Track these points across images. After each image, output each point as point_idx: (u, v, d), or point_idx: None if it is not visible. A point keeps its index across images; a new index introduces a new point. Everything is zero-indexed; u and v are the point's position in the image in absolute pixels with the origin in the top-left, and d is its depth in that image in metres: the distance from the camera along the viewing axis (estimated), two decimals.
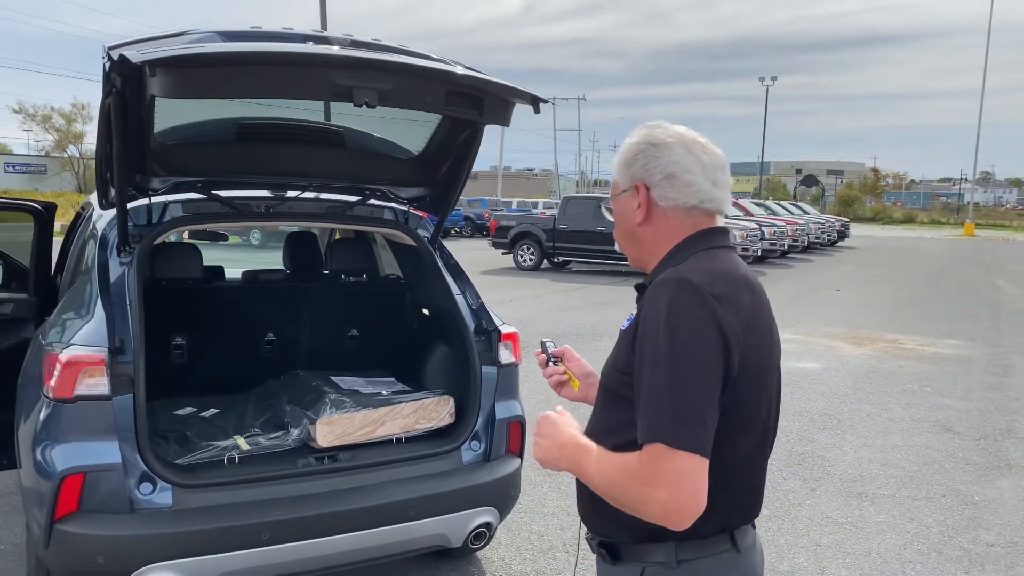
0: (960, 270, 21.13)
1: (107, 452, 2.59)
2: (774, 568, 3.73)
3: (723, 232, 1.51)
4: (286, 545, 2.70)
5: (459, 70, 2.53)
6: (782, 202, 31.16)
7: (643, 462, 1.27)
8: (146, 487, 2.64)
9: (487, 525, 3.11)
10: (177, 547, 2.61)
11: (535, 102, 2.69)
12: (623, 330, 1.47)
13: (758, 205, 27.74)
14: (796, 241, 23.09)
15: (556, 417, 1.54)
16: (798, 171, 65.52)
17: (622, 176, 1.53)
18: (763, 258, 20.61)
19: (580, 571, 3.45)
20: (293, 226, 4.69)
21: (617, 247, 1.68)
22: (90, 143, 47.98)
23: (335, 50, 2.41)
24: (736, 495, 1.41)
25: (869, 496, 4.73)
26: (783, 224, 22.37)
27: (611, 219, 1.67)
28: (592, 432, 1.49)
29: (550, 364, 1.87)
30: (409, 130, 3.31)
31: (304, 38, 2.56)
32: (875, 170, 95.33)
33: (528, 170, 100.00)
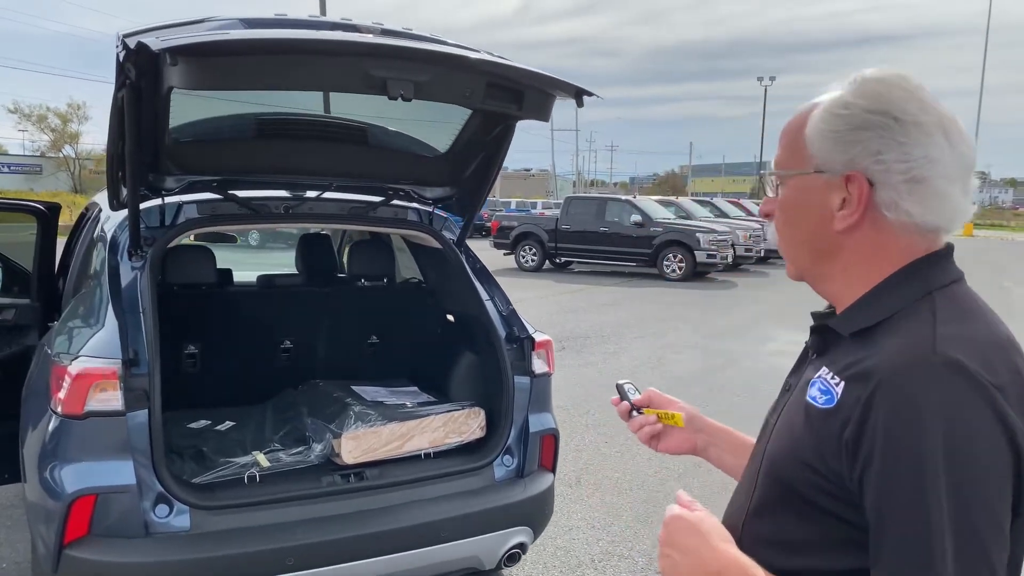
0: (966, 271, 20.98)
1: (120, 472, 2.40)
2: None
3: (951, 255, 1.03)
4: (312, 571, 2.52)
5: (501, 61, 2.36)
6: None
7: None
8: (162, 509, 2.46)
9: (521, 546, 2.95)
10: (196, 574, 2.43)
11: (579, 95, 2.51)
12: (816, 405, 0.98)
13: (759, 205, 27.63)
14: None
15: (699, 521, 1.03)
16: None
17: (824, 150, 1.01)
18: (765, 258, 20.48)
19: None
20: (308, 227, 4.51)
21: (770, 241, 1.20)
22: (86, 143, 47.71)
23: (368, 38, 2.23)
24: None
25: None
26: None
27: (769, 194, 1.12)
28: (752, 539, 1.05)
29: (634, 414, 1.42)
30: (435, 127, 3.14)
31: (332, 26, 2.39)
32: None
33: (525, 170, 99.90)
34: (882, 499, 0.88)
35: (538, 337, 3.12)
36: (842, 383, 0.95)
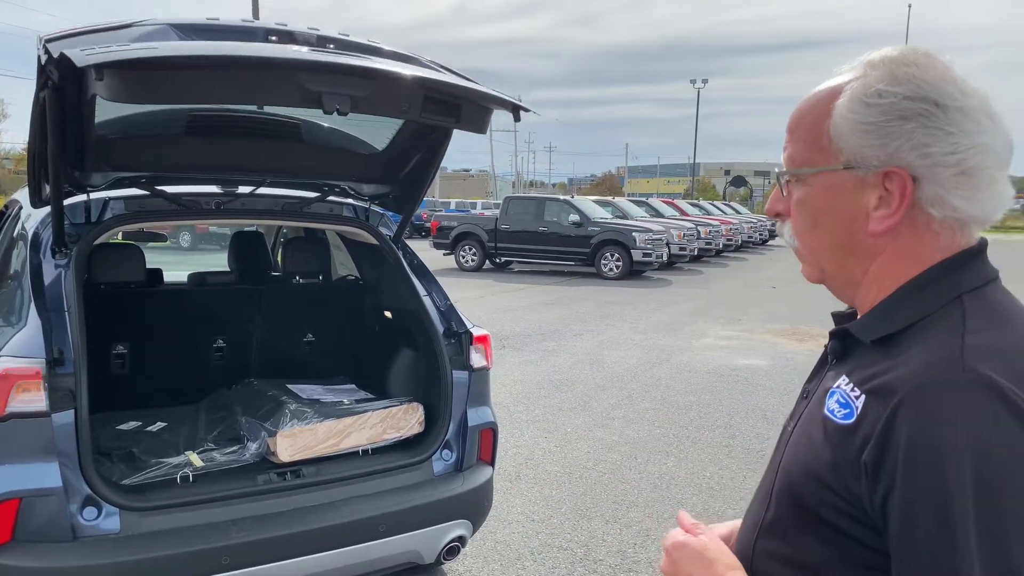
0: None
1: (45, 475, 2.33)
2: None
3: (984, 252, 0.94)
4: (249, 570, 2.48)
5: (438, 76, 2.36)
6: (715, 202, 31.77)
7: None
8: (90, 512, 2.39)
9: (460, 539, 2.96)
10: None
11: (516, 110, 2.53)
12: (834, 420, 0.90)
13: (693, 205, 28.28)
14: (730, 240, 23.57)
15: (705, 549, 0.98)
16: (727, 172, 66.97)
17: (858, 144, 0.90)
18: (699, 257, 20.94)
19: None
20: (240, 225, 4.43)
21: (786, 237, 1.02)
22: (4, 142, 45.67)
23: (304, 52, 2.21)
24: None
25: None
26: (718, 224, 22.82)
27: (783, 194, 1.00)
28: (765, 557, 0.97)
29: None
30: (373, 125, 3.13)
31: (266, 33, 2.36)
32: None
33: (465, 170, 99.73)
34: (905, 530, 0.80)
35: (476, 332, 3.14)
36: (863, 396, 0.87)
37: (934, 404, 0.80)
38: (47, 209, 2.76)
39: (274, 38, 2.33)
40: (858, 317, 0.98)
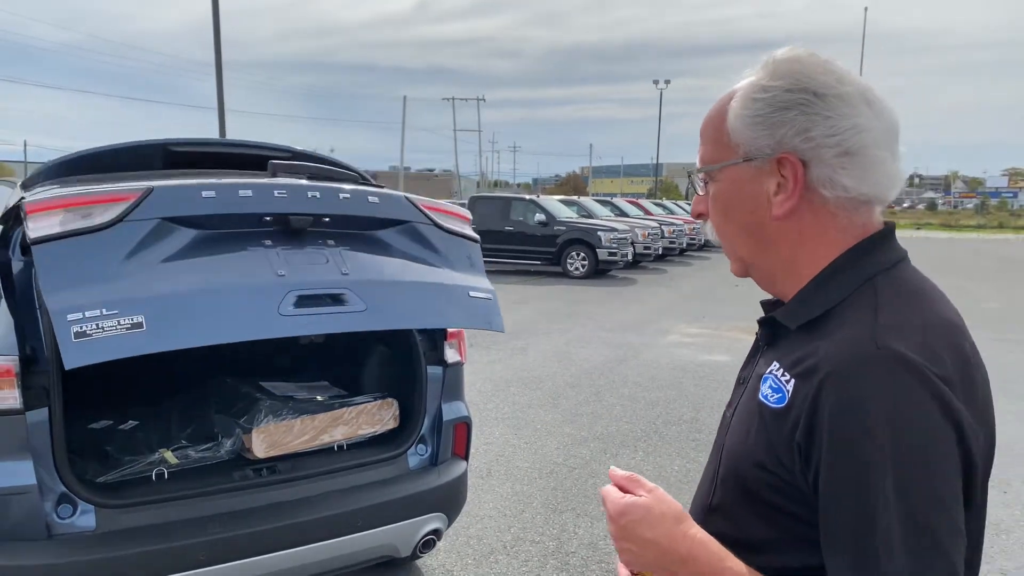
0: None
1: (19, 472, 2.31)
2: None
3: (893, 234, 1.01)
4: (226, 565, 2.49)
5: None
6: (679, 202, 32.10)
7: None
8: (65, 509, 2.38)
9: (436, 532, 2.99)
10: (103, 573, 2.36)
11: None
12: (768, 405, 0.95)
13: (657, 205, 28.57)
14: (693, 240, 23.86)
15: (651, 506, 0.97)
16: (690, 173, 67.53)
17: (751, 137, 0.98)
18: (663, 256, 21.17)
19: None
20: None
21: (709, 235, 1.10)
22: None
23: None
24: None
25: None
26: (682, 223, 23.07)
27: (699, 192, 1.08)
28: (719, 539, 0.98)
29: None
30: None
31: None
32: None
33: (428, 171, 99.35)
34: (830, 501, 0.87)
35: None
36: (792, 380, 0.93)
37: (851, 381, 0.86)
38: (15, 195, 2.74)
39: (268, 242, 2.43)
40: (784, 304, 1.04)
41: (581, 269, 16.83)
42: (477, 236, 2.91)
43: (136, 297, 2.11)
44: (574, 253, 16.92)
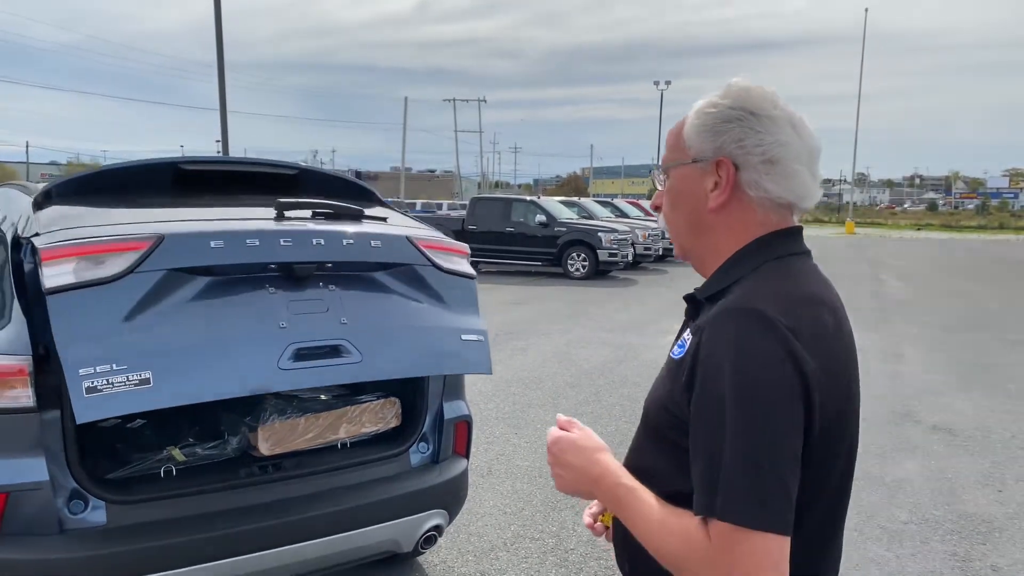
0: (846, 266, 22.35)
1: (33, 469, 2.38)
2: None
3: (798, 233, 1.22)
4: (232, 559, 2.56)
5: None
6: None
7: (713, 542, 1.01)
8: (77, 505, 2.45)
9: (437, 528, 3.06)
10: (113, 568, 2.43)
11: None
12: (673, 357, 1.19)
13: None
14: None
15: (577, 438, 1.23)
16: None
17: (698, 143, 1.19)
18: (663, 256, 21.23)
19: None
20: None
21: (660, 226, 1.35)
22: None
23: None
24: (832, 558, 1.19)
25: None
26: None
27: (659, 188, 1.31)
28: (631, 469, 1.21)
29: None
30: None
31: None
32: None
33: (430, 171, 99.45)
34: (695, 427, 1.07)
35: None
36: (691, 337, 1.15)
37: (716, 329, 1.08)
38: (27, 207, 2.81)
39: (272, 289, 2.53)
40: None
41: (582, 270, 16.90)
42: (474, 273, 3.03)
43: (144, 351, 2.23)
44: (575, 254, 16.99)
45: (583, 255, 16.90)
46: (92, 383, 2.13)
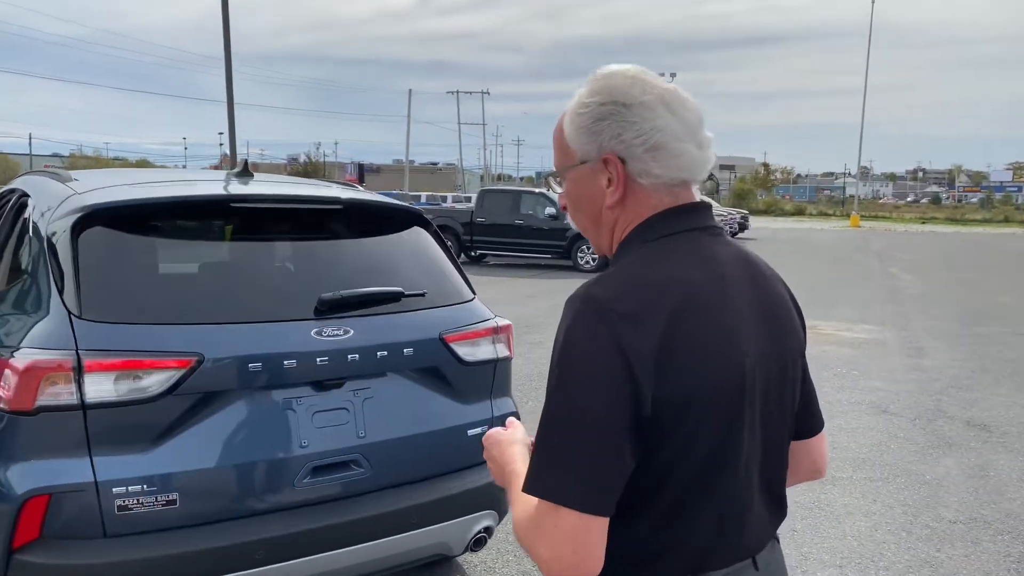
0: (856, 259, 22.26)
1: (77, 470, 2.27)
2: None
3: (692, 210, 1.20)
4: (283, 564, 2.45)
5: None
6: None
7: (533, 512, 1.07)
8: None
9: (488, 530, 2.94)
10: (158, 574, 2.32)
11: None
12: None
13: None
14: (724, 228, 23.75)
15: (500, 433, 1.32)
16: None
17: (581, 145, 1.19)
18: None
19: None
20: None
21: (573, 226, 1.35)
22: None
23: None
24: (693, 535, 1.15)
25: (829, 479, 4.81)
26: None
27: (557, 191, 1.30)
28: None
29: None
30: None
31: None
32: (765, 165, 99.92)
33: (432, 164, 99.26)
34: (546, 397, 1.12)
35: (500, 322, 3.13)
36: None
37: (561, 318, 1.11)
38: (61, 198, 2.69)
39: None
40: None
41: (592, 263, 16.78)
42: (502, 355, 3.11)
43: (173, 473, 2.34)
44: (585, 246, 16.88)
45: (593, 247, 16.78)
46: (123, 502, 2.26)
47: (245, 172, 3.19)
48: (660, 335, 1.05)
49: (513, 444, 1.28)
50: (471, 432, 2.90)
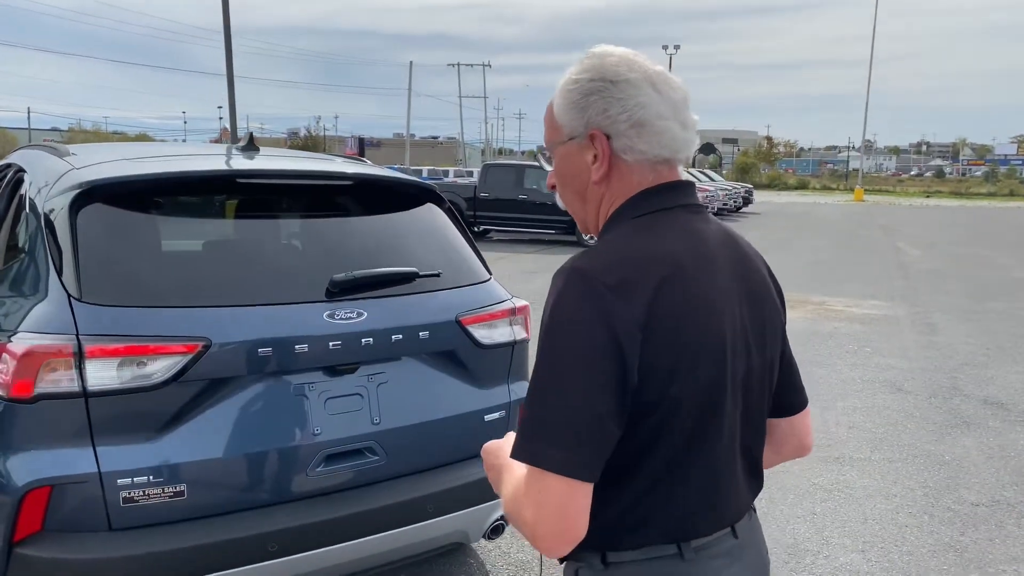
0: (861, 234, 22.11)
1: (79, 460, 2.16)
2: (778, 541, 3.63)
3: (676, 188, 1.22)
4: (297, 556, 2.35)
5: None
6: (690, 170, 31.79)
7: (520, 480, 1.12)
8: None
9: (505, 517, 2.84)
10: (167, 568, 2.22)
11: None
12: None
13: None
14: (706, 207, 23.65)
15: (495, 444, 1.38)
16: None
17: (569, 120, 1.22)
18: None
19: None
20: None
21: (559, 203, 1.35)
22: None
23: None
24: (678, 502, 1.17)
25: (847, 460, 4.72)
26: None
27: (548, 168, 1.33)
28: None
29: None
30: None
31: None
32: (768, 138, 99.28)
33: (433, 138, 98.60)
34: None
35: (517, 303, 3.01)
36: None
37: (549, 291, 1.14)
38: (59, 174, 2.56)
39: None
40: None
41: (596, 238, 16.61)
42: (519, 337, 2.97)
43: (181, 463, 2.23)
44: None
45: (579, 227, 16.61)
46: (129, 494, 2.17)
47: (251, 146, 3.05)
48: (645, 305, 1.08)
49: (503, 449, 1.31)
50: (488, 418, 2.80)
